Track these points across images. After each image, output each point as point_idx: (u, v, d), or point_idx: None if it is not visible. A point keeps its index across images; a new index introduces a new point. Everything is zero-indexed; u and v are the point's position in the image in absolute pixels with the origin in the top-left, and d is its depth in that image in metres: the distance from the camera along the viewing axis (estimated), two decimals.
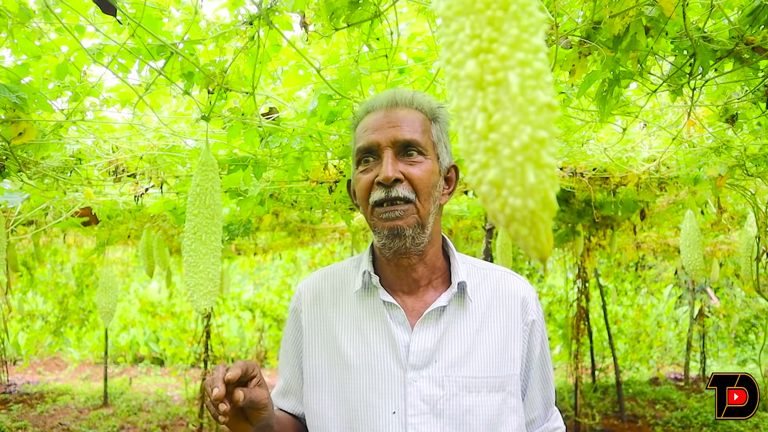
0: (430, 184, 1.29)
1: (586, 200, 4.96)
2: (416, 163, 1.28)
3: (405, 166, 1.28)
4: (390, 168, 1.25)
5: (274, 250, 7.22)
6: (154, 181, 2.02)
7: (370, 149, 1.30)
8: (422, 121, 1.32)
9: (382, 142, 1.28)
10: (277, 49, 1.48)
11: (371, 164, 1.31)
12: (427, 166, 1.29)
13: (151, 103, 1.62)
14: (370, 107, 1.35)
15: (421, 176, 1.27)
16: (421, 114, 1.33)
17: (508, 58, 0.47)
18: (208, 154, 1.36)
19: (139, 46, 1.35)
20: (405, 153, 1.29)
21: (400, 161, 1.28)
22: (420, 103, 1.33)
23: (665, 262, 10.49)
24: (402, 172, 1.27)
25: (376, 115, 1.33)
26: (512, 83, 0.46)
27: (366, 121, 1.34)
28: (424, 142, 1.30)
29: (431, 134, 1.34)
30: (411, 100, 1.33)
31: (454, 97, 0.50)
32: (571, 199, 4.83)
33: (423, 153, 1.30)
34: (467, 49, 0.48)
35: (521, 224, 0.49)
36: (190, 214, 1.33)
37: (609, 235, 5.97)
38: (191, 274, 1.29)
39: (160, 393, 8.54)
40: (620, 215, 5.20)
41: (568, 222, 5.45)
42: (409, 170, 1.27)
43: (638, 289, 10.80)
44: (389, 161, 1.26)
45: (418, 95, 1.34)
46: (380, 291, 1.36)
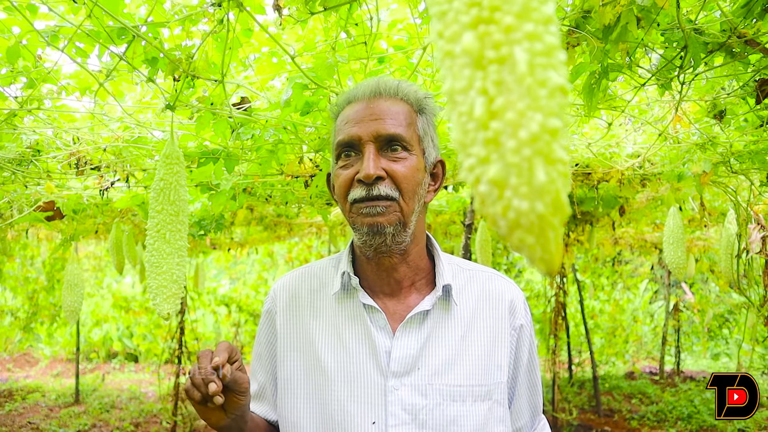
0: (415, 181, 1.21)
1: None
2: (400, 159, 1.20)
3: (388, 163, 1.19)
4: (372, 165, 1.16)
5: (250, 244, 7.09)
6: (120, 174, 1.91)
7: (350, 143, 1.21)
8: (407, 113, 1.23)
9: (364, 137, 1.19)
10: (249, 34, 1.38)
11: (352, 159, 1.22)
12: (411, 163, 1.21)
13: (114, 91, 1.51)
14: (351, 97, 1.26)
15: (405, 173, 1.19)
16: (406, 105, 1.24)
17: (514, 30, 0.38)
18: (173, 146, 1.26)
19: (98, 29, 1.24)
20: (388, 148, 1.20)
21: (382, 157, 1.19)
22: (405, 94, 1.24)
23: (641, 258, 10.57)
24: (384, 169, 1.18)
25: (357, 105, 1.23)
26: (519, 60, 0.38)
27: (347, 112, 1.25)
28: (408, 137, 1.21)
29: (417, 127, 1.25)
30: (395, 89, 1.24)
31: (448, 77, 0.41)
32: None
33: (407, 148, 1.21)
34: (464, 20, 0.40)
35: (527, 232, 0.41)
36: (153, 211, 1.23)
37: (588, 230, 5.95)
38: (154, 275, 1.19)
39: (134, 390, 8.37)
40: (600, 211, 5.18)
41: None
42: (392, 167, 1.18)
43: (615, 284, 10.86)
44: (371, 157, 1.17)
45: (404, 84, 1.25)
46: (360, 293, 1.27)
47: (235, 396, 1.15)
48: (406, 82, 1.27)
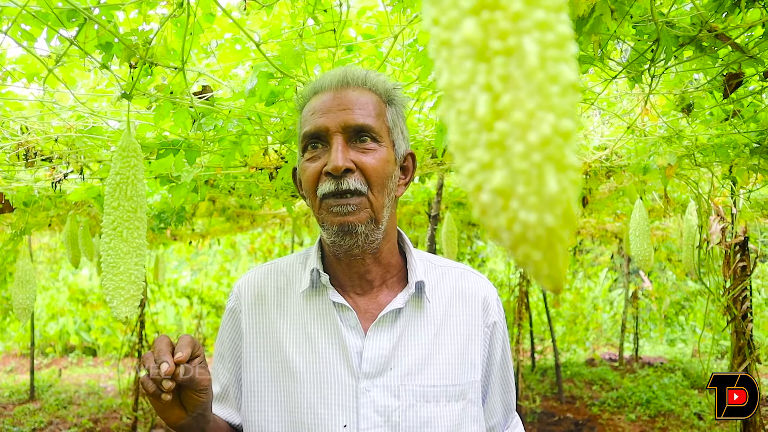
0: (385, 174, 1.16)
1: None
2: (369, 150, 1.14)
3: (357, 154, 1.13)
4: (340, 157, 1.10)
5: (212, 235, 6.95)
6: (74, 165, 1.80)
7: (317, 134, 1.15)
8: (376, 103, 1.18)
9: (332, 127, 1.13)
10: (211, 19, 1.30)
11: (319, 151, 1.16)
12: (381, 155, 1.16)
13: (65, 78, 1.42)
14: (317, 87, 1.20)
15: (375, 165, 1.14)
16: (374, 95, 1.19)
17: (523, 18, 0.34)
18: (129, 138, 1.18)
19: (45, 10, 1.15)
20: (357, 139, 1.14)
21: (351, 148, 1.14)
22: (374, 84, 1.19)
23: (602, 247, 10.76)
24: (353, 161, 1.12)
25: (324, 96, 1.17)
26: (529, 52, 0.33)
27: (313, 102, 1.18)
28: (378, 128, 1.16)
29: (386, 118, 1.20)
30: (364, 79, 1.19)
31: (444, 70, 0.36)
32: None
33: (377, 140, 1.16)
34: (464, 5, 0.34)
35: (534, 246, 0.36)
36: (109, 207, 1.15)
37: None
38: (110, 276, 1.11)
39: (92, 384, 8.15)
40: None
41: None
42: (362, 159, 1.13)
43: (576, 273, 11.04)
44: (339, 149, 1.11)
45: (372, 75, 1.20)
46: (330, 291, 1.22)
47: (194, 393, 1.09)
48: (374, 72, 1.22)
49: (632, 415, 6.68)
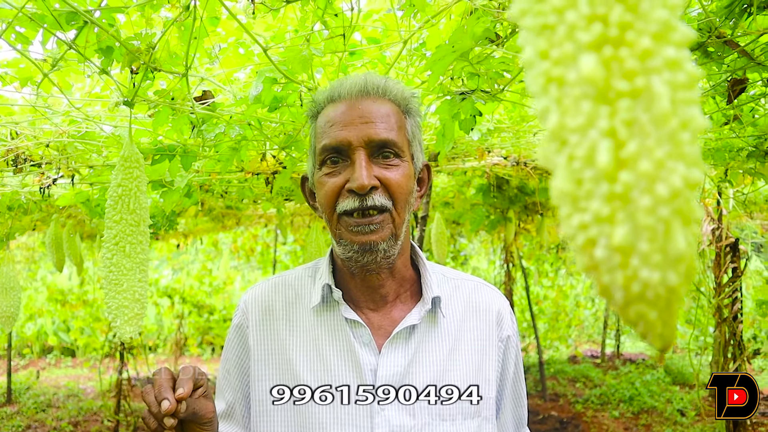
0: (408, 190, 1.12)
1: (519, 187, 4.94)
2: (393, 166, 1.10)
3: (380, 170, 1.09)
4: (365, 174, 1.06)
5: (195, 234, 6.85)
6: (64, 171, 1.73)
7: (338, 149, 1.10)
8: (397, 114, 1.14)
9: (354, 142, 1.08)
10: (216, 22, 1.25)
11: (339, 166, 1.11)
12: (404, 170, 1.11)
13: (60, 83, 1.35)
14: (334, 95, 1.14)
15: (399, 182, 1.09)
16: (394, 106, 1.14)
17: (652, 56, 0.30)
18: (132, 148, 1.12)
19: (43, 12, 1.09)
20: (380, 154, 1.10)
21: (374, 164, 1.09)
22: (393, 93, 1.14)
23: None
24: (377, 177, 1.08)
25: (342, 105, 1.12)
26: (660, 95, 0.30)
27: (330, 112, 1.13)
28: (400, 142, 1.11)
29: (407, 131, 1.15)
30: (384, 88, 1.13)
31: (553, 110, 0.32)
32: (504, 185, 4.79)
33: (399, 155, 1.11)
34: (582, 38, 0.31)
35: (651, 306, 0.33)
36: (111, 221, 1.09)
37: (537, 220, 6.01)
38: (113, 294, 1.06)
39: (72, 386, 7.98)
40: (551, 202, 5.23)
41: (500, 208, 5.43)
42: (386, 175, 1.09)
43: (558, 271, 11.11)
44: (363, 165, 1.07)
45: (390, 83, 1.15)
46: (343, 307, 1.18)
47: (198, 426, 1.05)
48: (392, 80, 1.17)
49: (616, 412, 6.74)
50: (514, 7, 0.34)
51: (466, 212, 5.69)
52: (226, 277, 10.04)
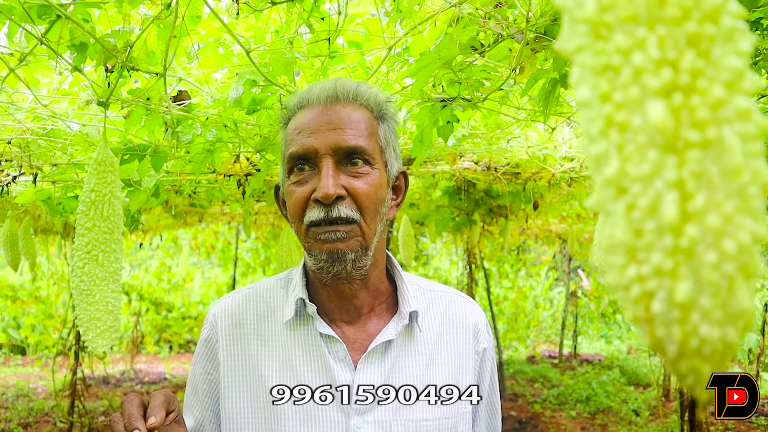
0: (377, 199, 1.08)
1: (485, 190, 4.97)
2: (361, 174, 1.06)
3: (348, 179, 1.05)
4: (330, 183, 1.02)
5: (155, 230, 6.69)
6: (26, 168, 1.65)
7: (305, 156, 1.06)
8: (368, 120, 1.10)
9: (321, 149, 1.04)
10: (197, 21, 1.20)
11: (306, 174, 1.07)
12: (373, 179, 1.07)
13: (26, 78, 1.28)
14: (303, 101, 1.10)
15: (368, 191, 1.06)
16: (366, 111, 1.11)
17: (724, 106, 0.28)
18: (106, 150, 1.07)
19: (11, 3, 1.03)
20: (348, 162, 1.06)
21: (342, 172, 1.05)
22: (366, 98, 1.11)
23: (544, 246, 11.01)
24: (344, 186, 1.04)
25: (311, 112, 1.08)
26: (732, 148, 0.28)
27: (300, 118, 1.09)
28: (371, 149, 1.08)
29: (378, 137, 1.12)
30: (355, 94, 1.10)
31: (613, 156, 0.31)
32: (471, 188, 4.81)
33: (369, 162, 1.07)
34: (651, 84, 0.29)
35: (705, 361, 0.31)
36: (83, 228, 1.04)
37: (501, 223, 6.07)
38: (85, 305, 1.01)
39: (22, 386, 7.69)
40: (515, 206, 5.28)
41: (465, 210, 5.46)
42: (353, 184, 1.05)
43: (518, 272, 11.26)
44: (329, 174, 1.03)
45: (363, 87, 1.11)
46: (318, 321, 1.14)
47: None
48: (365, 85, 1.13)
49: (573, 412, 6.86)
50: (568, 41, 0.32)
51: (432, 213, 5.71)
52: (185, 274, 9.84)
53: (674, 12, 0.29)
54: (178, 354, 10.01)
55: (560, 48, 0.33)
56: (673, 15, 0.29)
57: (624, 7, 0.30)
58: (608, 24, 0.30)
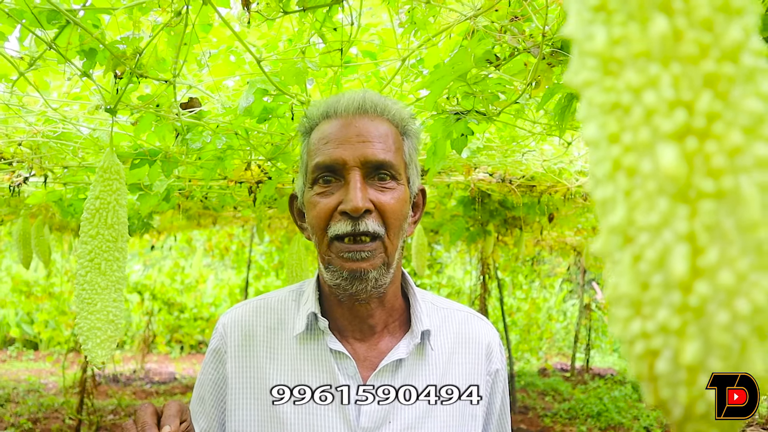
0: (402, 215, 1.06)
1: (500, 201, 4.93)
2: (388, 189, 1.04)
3: (375, 193, 1.03)
4: (359, 196, 1.00)
5: (169, 231, 6.72)
6: (37, 170, 1.65)
7: (332, 167, 1.04)
8: (395, 135, 1.08)
9: (350, 161, 1.02)
10: (208, 29, 1.19)
11: (332, 186, 1.05)
12: (399, 194, 1.06)
13: (37, 82, 1.28)
14: (329, 111, 1.08)
15: (394, 207, 1.04)
16: (392, 126, 1.09)
17: (742, 153, 0.26)
18: (112, 158, 1.06)
19: (22, 8, 1.03)
20: (375, 176, 1.04)
21: (369, 185, 1.04)
22: (392, 113, 1.09)
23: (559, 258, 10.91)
24: (372, 201, 1.02)
25: (338, 122, 1.06)
26: (749, 200, 0.26)
27: (325, 129, 1.07)
28: (397, 164, 1.06)
29: (404, 153, 1.10)
30: (382, 107, 1.08)
31: (620, 202, 0.28)
32: (486, 199, 4.78)
33: (396, 177, 1.06)
34: (663, 126, 0.27)
35: (713, 426, 0.29)
36: (86, 235, 1.03)
37: (516, 234, 6.02)
38: (85, 314, 0.99)
39: (33, 381, 7.76)
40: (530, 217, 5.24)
41: (480, 221, 5.42)
42: (380, 198, 1.03)
43: (532, 283, 11.17)
44: (358, 186, 1.01)
45: (389, 102, 1.09)
46: (329, 337, 1.12)
47: None
48: (391, 99, 1.12)
49: (583, 428, 6.77)
50: (576, 75, 0.30)
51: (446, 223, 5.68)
52: (198, 276, 9.87)
53: (690, 49, 0.26)
54: (189, 355, 10.04)
55: (567, 81, 0.31)
56: (689, 52, 0.26)
57: (636, 42, 0.27)
58: (619, 59, 0.28)
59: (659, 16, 0.27)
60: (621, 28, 0.28)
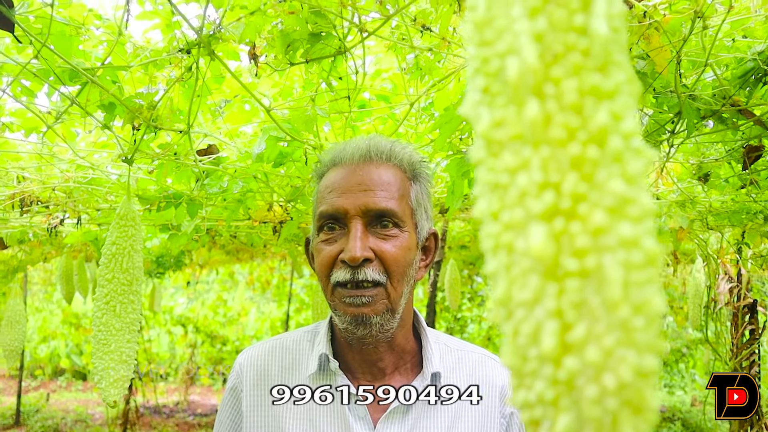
0: (406, 262, 1.07)
1: None
2: (390, 237, 1.06)
3: (377, 241, 1.05)
4: (358, 245, 1.02)
5: (210, 266, 6.86)
6: (71, 213, 1.74)
7: (335, 216, 1.06)
8: (400, 182, 1.10)
9: (351, 210, 1.05)
10: (220, 80, 1.25)
11: (336, 234, 1.07)
12: (402, 242, 1.06)
13: (64, 133, 1.36)
14: (337, 159, 1.11)
15: (395, 255, 1.05)
16: (399, 172, 1.11)
17: (607, 233, 0.27)
18: (128, 206, 1.12)
19: (47, 68, 1.10)
20: (378, 224, 1.06)
21: (371, 234, 1.06)
22: (399, 158, 1.11)
23: None
24: (372, 249, 1.04)
25: (343, 170, 1.09)
26: (612, 280, 0.27)
27: (331, 177, 1.10)
28: (401, 211, 1.07)
29: (410, 199, 1.11)
30: (389, 153, 1.10)
31: (502, 277, 0.30)
32: None
33: (399, 225, 1.07)
34: (533, 207, 0.28)
35: None
36: (103, 279, 1.08)
37: None
38: (100, 354, 1.04)
39: (80, 411, 7.95)
40: None
41: None
42: (382, 247, 1.05)
43: None
44: (358, 236, 1.03)
45: (397, 147, 1.11)
46: (339, 377, 1.14)
47: None
48: (399, 144, 1.14)
49: None
50: (473, 152, 0.32)
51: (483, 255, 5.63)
52: (240, 309, 10.01)
53: (559, 133, 0.28)
54: None
55: (468, 158, 0.33)
56: (558, 136, 0.28)
57: (512, 125, 0.29)
58: (499, 141, 0.30)
59: (532, 101, 0.29)
60: (501, 110, 0.30)
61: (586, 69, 0.29)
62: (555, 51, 0.29)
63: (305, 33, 1.08)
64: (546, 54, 0.29)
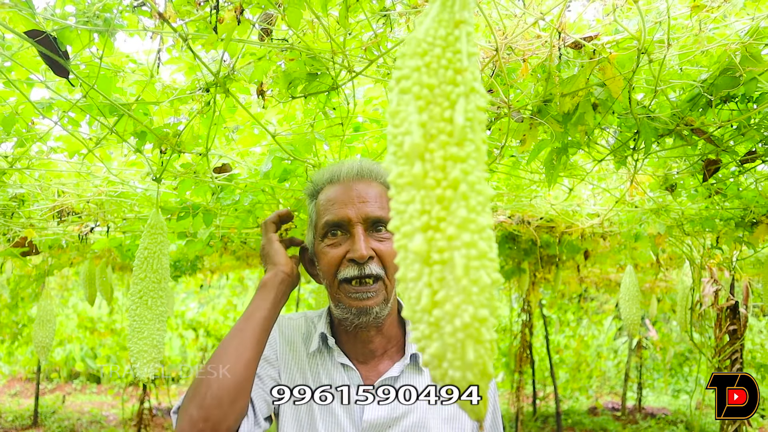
0: None
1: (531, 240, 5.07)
2: (385, 239, 1.31)
3: (375, 243, 1.29)
4: (364, 246, 1.26)
5: (221, 271, 7.09)
6: (101, 221, 1.97)
7: (339, 224, 1.30)
8: (385, 194, 1.34)
9: (353, 218, 1.29)
10: (233, 111, 1.48)
11: (339, 238, 1.31)
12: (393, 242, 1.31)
13: (102, 155, 1.59)
14: (333, 177, 1.36)
15: (390, 252, 1.29)
16: (382, 186, 1.35)
17: (455, 239, 0.49)
18: (158, 217, 1.34)
19: (90, 103, 1.33)
20: (374, 229, 1.30)
21: (369, 237, 1.30)
22: (380, 176, 1.36)
23: (607, 295, 10.79)
24: (373, 249, 1.28)
25: (340, 187, 1.34)
26: (458, 265, 0.48)
27: (331, 192, 1.34)
28: (388, 218, 1.32)
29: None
30: (376, 172, 1.36)
31: (402, 265, 0.51)
32: (518, 238, 4.93)
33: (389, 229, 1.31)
34: (416, 224, 0.50)
35: (462, 389, 0.51)
36: (137, 278, 1.30)
37: (554, 271, 6.10)
38: (135, 340, 1.26)
39: (95, 413, 8.21)
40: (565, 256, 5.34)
41: (515, 259, 5.56)
42: (379, 247, 1.29)
43: (580, 320, 11.05)
44: (362, 239, 1.27)
45: (376, 167, 1.36)
46: (336, 352, 1.36)
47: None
48: (378, 165, 1.37)
49: None
50: (388, 193, 0.53)
51: None
52: None
53: (431, 182, 0.49)
54: None
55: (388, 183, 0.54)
56: (430, 183, 0.49)
57: (406, 176, 0.51)
58: (400, 185, 0.51)
59: (417, 162, 0.50)
60: (401, 167, 0.51)
61: (449, 144, 0.50)
62: (431, 133, 0.50)
63: (304, 73, 1.30)
64: (426, 135, 0.50)
